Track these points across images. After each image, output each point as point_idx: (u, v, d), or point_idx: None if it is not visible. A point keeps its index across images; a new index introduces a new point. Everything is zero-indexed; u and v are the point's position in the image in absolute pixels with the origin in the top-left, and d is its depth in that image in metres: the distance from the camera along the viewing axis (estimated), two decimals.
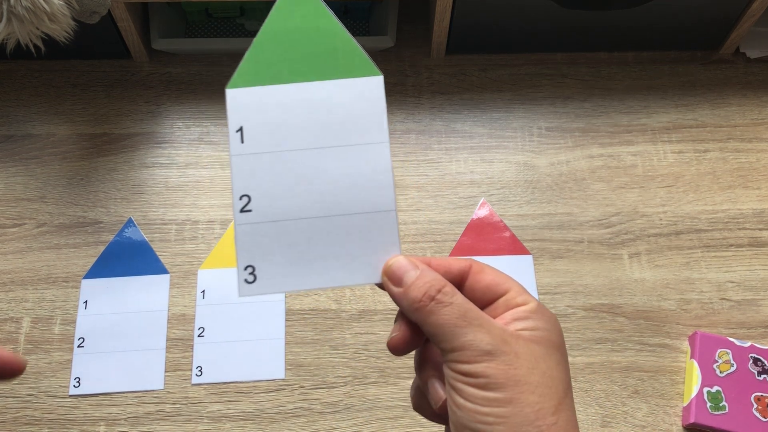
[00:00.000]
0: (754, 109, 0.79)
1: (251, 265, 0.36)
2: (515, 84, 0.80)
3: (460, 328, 0.32)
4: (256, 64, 0.37)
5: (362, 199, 0.36)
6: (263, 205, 0.36)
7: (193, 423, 0.64)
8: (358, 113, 0.37)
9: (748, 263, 0.71)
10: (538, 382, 0.32)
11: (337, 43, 0.37)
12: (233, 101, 0.37)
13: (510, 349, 0.32)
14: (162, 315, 0.68)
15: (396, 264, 0.35)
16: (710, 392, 0.63)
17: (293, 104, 0.37)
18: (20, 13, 0.58)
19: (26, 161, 0.75)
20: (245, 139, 0.36)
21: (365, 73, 0.37)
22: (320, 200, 0.36)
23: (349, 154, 0.37)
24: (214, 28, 0.84)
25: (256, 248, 0.36)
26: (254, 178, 0.36)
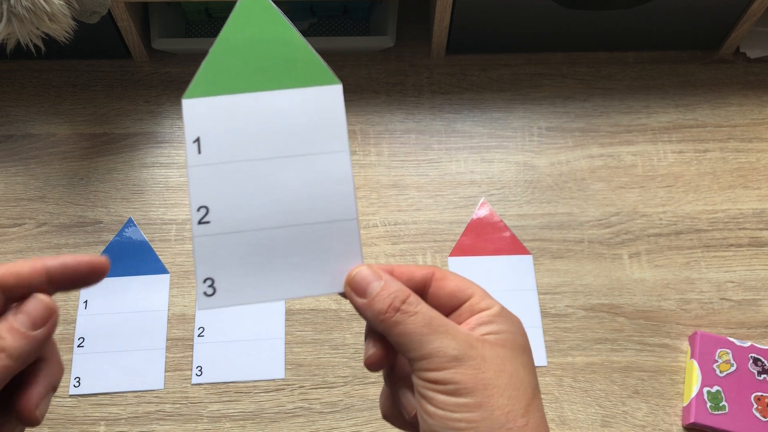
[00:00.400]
0: (754, 109, 0.79)
1: (210, 277, 0.35)
2: (515, 84, 0.80)
3: (427, 336, 0.32)
4: (212, 73, 0.36)
5: (322, 208, 0.36)
6: (222, 217, 0.36)
7: (193, 423, 0.64)
8: (317, 122, 0.36)
9: (748, 263, 0.71)
10: (506, 384, 0.32)
11: (295, 52, 0.36)
12: (190, 112, 0.36)
13: (477, 354, 0.32)
14: (162, 315, 0.68)
15: (359, 275, 0.35)
16: (710, 392, 0.63)
17: (251, 114, 0.36)
18: (20, 12, 0.58)
19: (26, 161, 0.75)
20: (202, 149, 0.36)
21: (324, 82, 0.36)
22: (280, 210, 0.36)
23: (309, 163, 0.36)
24: (214, 27, 0.84)
25: (215, 260, 0.35)
26: (212, 188, 0.36)
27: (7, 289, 0.30)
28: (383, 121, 0.78)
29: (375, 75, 0.80)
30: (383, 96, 0.79)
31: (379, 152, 0.76)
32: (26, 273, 0.30)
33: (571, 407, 0.65)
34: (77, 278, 0.31)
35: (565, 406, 0.65)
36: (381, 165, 0.76)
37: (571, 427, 0.64)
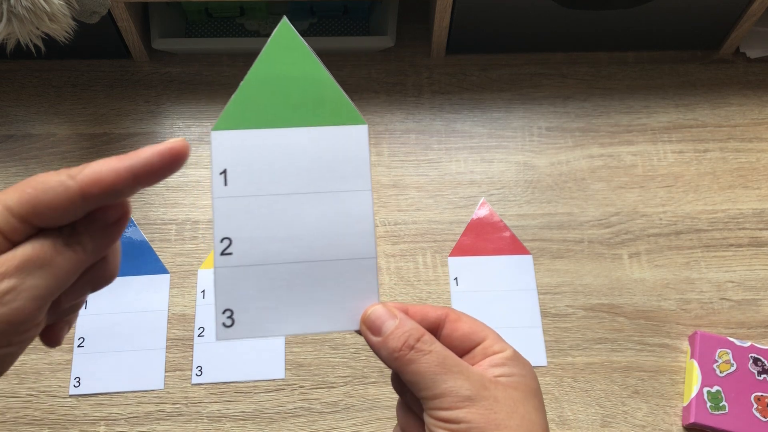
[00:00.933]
0: (754, 109, 0.79)
1: (229, 308, 0.36)
2: (515, 84, 0.80)
3: (440, 375, 0.33)
4: (242, 107, 0.37)
5: (343, 245, 0.37)
6: (244, 249, 0.36)
7: (193, 423, 0.64)
8: (342, 161, 0.37)
9: (748, 263, 0.71)
10: (518, 426, 0.32)
11: (324, 91, 0.37)
12: (218, 143, 0.37)
13: (489, 395, 0.33)
14: (162, 315, 0.68)
15: (375, 313, 0.35)
16: (710, 392, 0.63)
17: (278, 149, 0.37)
18: (20, 12, 0.58)
19: (26, 161, 0.75)
20: (228, 181, 0.36)
21: (350, 122, 0.37)
22: (301, 245, 0.36)
23: (331, 200, 0.37)
24: (214, 27, 0.84)
25: (235, 292, 0.36)
26: (236, 221, 0.36)
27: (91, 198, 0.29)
28: (383, 121, 0.78)
29: (375, 75, 0.80)
30: (383, 96, 0.79)
31: (379, 152, 0.76)
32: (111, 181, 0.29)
33: (571, 407, 0.65)
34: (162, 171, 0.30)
35: (565, 406, 0.65)
36: (381, 165, 0.76)
37: (571, 427, 0.64)
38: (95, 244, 0.31)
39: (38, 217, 0.28)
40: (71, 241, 0.30)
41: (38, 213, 0.28)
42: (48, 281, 0.29)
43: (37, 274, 0.28)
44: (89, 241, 0.30)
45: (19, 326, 0.28)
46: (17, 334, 0.29)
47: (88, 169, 0.29)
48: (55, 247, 0.29)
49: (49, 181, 0.28)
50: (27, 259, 0.28)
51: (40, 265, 0.28)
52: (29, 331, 0.29)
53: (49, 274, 0.29)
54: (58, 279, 0.29)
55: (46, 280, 0.29)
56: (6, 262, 0.28)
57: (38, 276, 0.28)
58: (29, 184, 0.28)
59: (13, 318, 0.28)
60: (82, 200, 0.29)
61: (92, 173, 0.29)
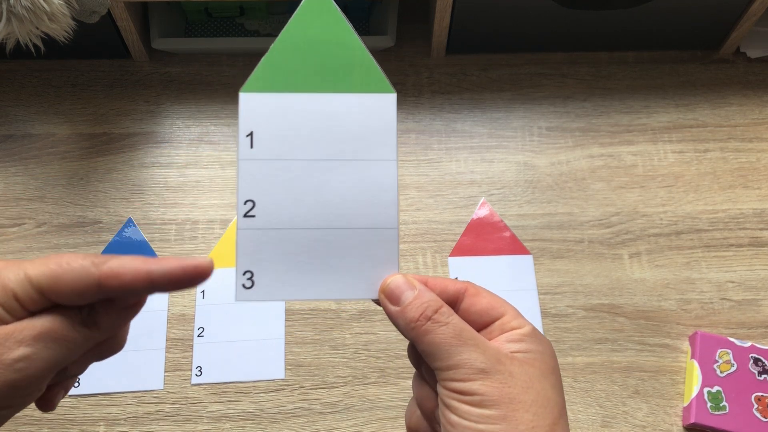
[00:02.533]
0: (754, 109, 0.79)
1: (250, 270, 0.36)
2: (515, 84, 0.80)
3: (455, 347, 0.33)
4: (271, 70, 0.37)
5: (365, 214, 0.37)
6: (267, 212, 0.36)
7: (192, 423, 0.64)
8: (369, 129, 0.37)
9: (748, 263, 0.71)
10: (533, 401, 0.32)
11: (354, 57, 0.37)
12: (246, 105, 0.37)
13: (504, 369, 0.33)
14: (162, 315, 0.68)
15: (394, 283, 0.35)
16: (711, 392, 0.63)
17: (305, 114, 0.37)
18: (20, 12, 0.58)
19: (26, 161, 0.75)
20: (255, 144, 0.37)
21: (379, 90, 0.37)
22: (324, 212, 0.37)
23: (357, 168, 0.37)
24: (214, 27, 0.84)
25: (257, 254, 0.36)
26: (260, 183, 0.36)
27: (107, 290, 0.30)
28: None
29: None
30: None
31: None
32: (129, 280, 0.30)
33: (571, 407, 0.65)
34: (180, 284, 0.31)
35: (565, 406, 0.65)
36: None
37: (571, 427, 0.64)
38: (110, 323, 0.32)
39: (56, 294, 0.30)
40: (88, 321, 0.31)
41: (56, 290, 0.30)
42: (61, 354, 0.30)
43: (52, 347, 0.30)
44: (105, 321, 0.32)
45: (24, 391, 0.30)
46: (20, 397, 0.30)
47: (112, 262, 0.30)
48: (73, 324, 0.31)
49: (73, 263, 0.30)
50: (45, 331, 0.30)
51: (56, 339, 0.30)
52: (31, 396, 0.31)
53: (63, 347, 0.30)
54: (70, 352, 0.31)
55: (58, 353, 0.30)
56: (25, 330, 0.29)
57: (52, 348, 0.30)
58: (54, 261, 0.30)
59: (21, 384, 0.29)
60: (99, 290, 0.30)
61: (115, 267, 0.30)
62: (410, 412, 0.38)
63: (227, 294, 0.69)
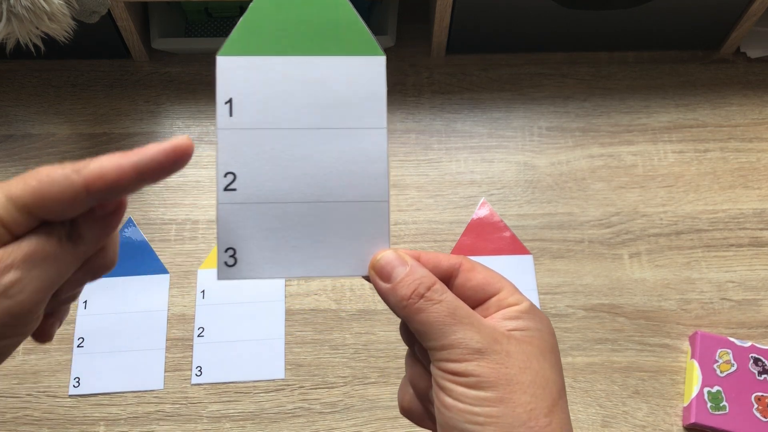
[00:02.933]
0: (754, 109, 0.79)
1: (232, 247, 0.34)
2: (515, 84, 0.80)
3: (449, 326, 0.31)
4: (251, 31, 0.34)
5: (354, 186, 0.34)
6: (249, 185, 0.34)
7: (192, 423, 0.64)
8: (357, 95, 0.34)
9: (748, 263, 0.71)
10: (531, 381, 0.31)
11: (340, 17, 0.34)
12: (223, 70, 0.34)
13: (501, 348, 0.31)
14: (162, 315, 0.68)
15: (384, 258, 0.34)
16: (711, 392, 0.63)
17: (288, 79, 0.34)
18: (20, 12, 0.58)
19: (26, 161, 0.75)
20: (234, 112, 0.34)
21: (367, 52, 0.35)
22: (310, 184, 0.34)
23: (344, 137, 0.34)
24: (214, 27, 0.84)
25: (239, 230, 0.34)
26: (241, 155, 0.34)
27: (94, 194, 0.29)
28: None
29: None
30: None
31: None
32: (114, 177, 0.29)
33: (571, 407, 0.65)
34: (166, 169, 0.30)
35: None
36: None
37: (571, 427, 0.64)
38: (94, 235, 0.31)
39: (43, 209, 0.28)
40: (72, 234, 0.30)
41: (43, 206, 0.28)
42: (52, 274, 0.29)
43: (42, 267, 0.28)
44: (88, 233, 0.30)
45: (22, 318, 0.28)
46: (20, 326, 0.29)
47: (93, 164, 0.29)
48: (59, 241, 0.29)
49: (53, 175, 0.28)
50: (32, 252, 0.28)
51: (44, 258, 0.29)
52: (30, 324, 0.29)
53: (53, 267, 0.29)
54: (61, 271, 0.29)
55: (50, 273, 0.29)
56: (12, 254, 0.28)
57: (42, 269, 0.29)
58: (34, 177, 0.28)
59: (17, 310, 0.28)
60: (87, 195, 0.29)
61: (97, 169, 0.29)
62: (403, 392, 0.36)
63: (227, 294, 0.69)
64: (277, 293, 0.69)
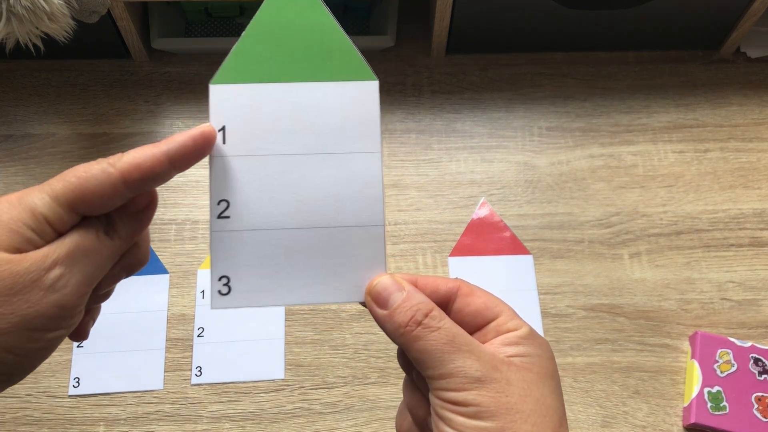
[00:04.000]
0: (755, 109, 0.79)
1: (226, 275, 0.34)
2: (515, 84, 0.80)
3: (448, 354, 0.31)
4: (243, 59, 0.34)
5: (349, 211, 0.34)
6: (243, 212, 0.34)
7: (192, 423, 0.64)
8: (350, 119, 0.34)
9: (748, 263, 0.71)
10: (532, 410, 0.31)
11: (332, 43, 0.34)
12: (216, 98, 0.34)
13: (501, 376, 0.31)
14: (161, 315, 0.68)
15: (381, 284, 0.33)
16: (711, 392, 0.63)
17: (281, 105, 0.34)
18: (20, 12, 0.58)
19: (26, 161, 0.75)
20: (227, 139, 0.34)
21: (360, 77, 0.35)
22: (304, 210, 0.34)
23: (338, 162, 0.34)
24: (214, 27, 0.84)
25: (233, 258, 0.34)
26: (235, 181, 0.34)
27: (131, 184, 0.31)
28: (383, 120, 0.78)
29: None
30: (383, 96, 0.79)
31: None
32: (149, 166, 0.31)
33: (571, 408, 0.65)
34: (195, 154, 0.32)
35: (565, 406, 0.65)
36: None
37: (571, 427, 0.64)
38: (129, 230, 0.33)
39: (84, 204, 0.30)
40: (109, 230, 0.32)
41: (84, 201, 0.30)
42: (92, 268, 0.31)
43: (83, 262, 0.30)
44: (123, 228, 0.32)
45: (68, 311, 0.30)
46: (67, 318, 0.30)
47: (127, 156, 0.31)
48: (98, 235, 0.31)
49: (91, 170, 0.30)
50: (74, 247, 0.30)
51: (85, 253, 0.30)
52: (74, 317, 0.31)
53: (93, 261, 0.31)
54: (100, 266, 0.31)
55: (90, 267, 0.31)
56: (56, 250, 0.30)
57: (84, 263, 0.30)
58: (73, 174, 0.30)
59: (65, 303, 0.30)
60: (125, 187, 0.30)
61: (132, 159, 0.31)
62: (401, 418, 0.36)
63: None
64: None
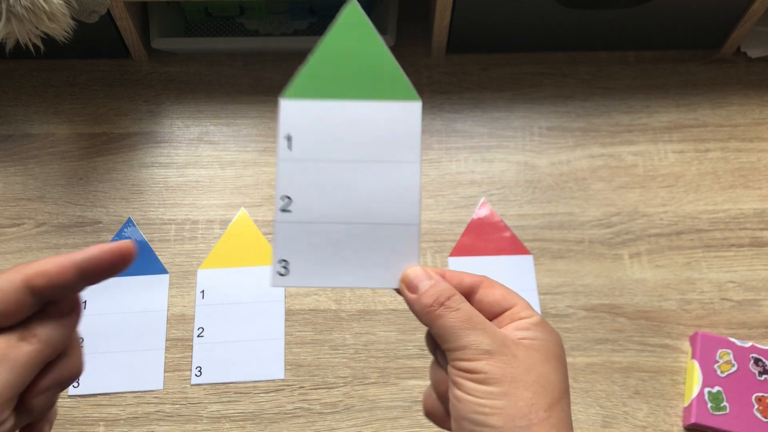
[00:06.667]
0: (755, 109, 0.79)
1: (285, 259, 0.40)
2: (516, 83, 0.80)
3: (464, 330, 0.35)
4: (310, 78, 0.41)
5: (390, 211, 0.41)
6: (302, 207, 0.40)
7: (192, 423, 0.64)
8: (395, 133, 0.41)
9: (749, 263, 0.71)
10: (534, 381, 0.34)
11: (385, 68, 0.40)
12: (286, 111, 0.40)
13: (509, 351, 0.35)
14: (161, 315, 0.68)
15: (413, 273, 0.39)
16: (711, 392, 0.63)
17: (338, 119, 0.41)
18: (19, 12, 0.58)
19: (25, 161, 0.75)
20: (293, 146, 0.40)
21: (406, 98, 0.41)
22: (353, 208, 0.40)
23: (383, 169, 0.41)
24: (214, 27, 0.84)
25: (292, 245, 0.40)
26: (296, 181, 0.41)
27: (37, 291, 0.30)
28: None
29: None
30: None
31: None
32: (55, 272, 0.31)
33: (572, 407, 0.64)
34: (107, 269, 0.32)
35: None
36: None
37: None
38: (50, 335, 0.32)
39: None
40: (26, 335, 0.31)
41: None
42: (9, 376, 0.30)
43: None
44: (44, 333, 0.31)
45: None
46: None
47: (35, 263, 0.31)
48: (9, 341, 0.30)
49: None
50: None
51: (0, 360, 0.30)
52: None
53: (7, 368, 0.30)
54: (17, 373, 0.30)
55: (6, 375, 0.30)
56: None
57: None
58: None
59: None
60: (30, 293, 0.30)
61: (38, 267, 0.31)
62: (427, 396, 0.40)
63: (227, 294, 0.69)
64: (277, 293, 0.69)
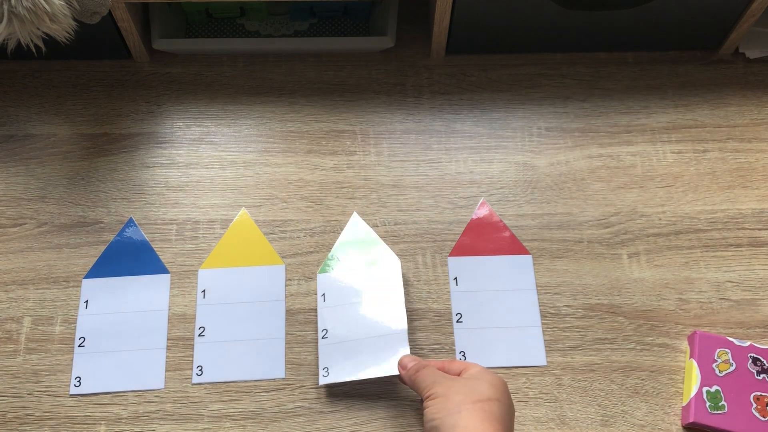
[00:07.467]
0: (753, 109, 0.79)
1: (326, 367, 0.64)
2: (515, 84, 0.81)
3: (430, 386, 0.56)
4: (331, 259, 0.69)
5: (386, 326, 0.64)
6: (333, 334, 0.65)
7: (193, 422, 0.64)
8: (384, 283, 0.66)
9: (747, 263, 0.71)
10: (465, 390, 0.54)
11: (378, 251, 0.68)
12: (321, 280, 0.68)
13: (452, 383, 0.56)
14: (162, 314, 0.68)
15: (404, 359, 0.61)
16: (709, 392, 0.63)
17: (349, 279, 0.67)
18: (21, 13, 0.58)
19: (27, 161, 0.76)
20: (326, 299, 0.67)
21: (392, 264, 0.67)
22: (362, 328, 0.64)
23: (379, 304, 0.65)
24: (215, 28, 0.84)
25: (329, 357, 0.64)
26: (329, 319, 0.66)
27: None
28: (383, 121, 0.78)
29: (375, 75, 0.81)
30: (383, 96, 0.79)
31: (379, 152, 0.76)
32: None
33: (570, 407, 0.65)
34: None
35: (564, 405, 0.65)
36: (381, 165, 0.76)
37: (570, 426, 0.64)
38: None
39: None
40: None
41: None
42: None
43: None
44: None
45: None
46: None
47: None
48: None
49: None
50: None
51: None
52: None
53: None
54: None
55: None
56: None
57: None
58: None
59: None
60: None
61: None
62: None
63: (228, 293, 0.69)
64: (277, 293, 0.69)
